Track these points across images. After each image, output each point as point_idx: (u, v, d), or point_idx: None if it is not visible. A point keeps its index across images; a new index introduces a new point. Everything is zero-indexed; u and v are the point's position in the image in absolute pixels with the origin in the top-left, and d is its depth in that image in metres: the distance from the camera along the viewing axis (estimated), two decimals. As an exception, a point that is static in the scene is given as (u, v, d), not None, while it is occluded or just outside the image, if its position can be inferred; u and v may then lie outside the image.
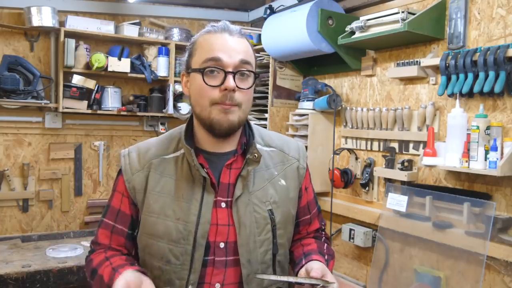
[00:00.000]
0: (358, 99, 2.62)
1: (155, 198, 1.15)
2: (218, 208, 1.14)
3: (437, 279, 2.03)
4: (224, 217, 1.14)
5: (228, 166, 1.17)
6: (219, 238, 1.13)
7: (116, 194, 1.22)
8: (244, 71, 1.11)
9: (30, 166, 3.03)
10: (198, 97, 1.12)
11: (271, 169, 1.22)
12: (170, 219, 1.13)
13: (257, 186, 1.17)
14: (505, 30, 1.89)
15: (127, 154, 1.22)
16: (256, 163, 1.16)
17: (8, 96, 2.81)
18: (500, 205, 1.88)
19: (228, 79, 1.07)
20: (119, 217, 1.20)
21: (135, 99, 3.20)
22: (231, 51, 1.09)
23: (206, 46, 1.11)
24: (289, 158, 1.26)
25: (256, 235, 1.14)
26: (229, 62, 1.08)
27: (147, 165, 1.18)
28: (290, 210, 1.23)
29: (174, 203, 1.13)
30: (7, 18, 2.93)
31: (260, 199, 1.16)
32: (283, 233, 1.20)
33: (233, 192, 1.14)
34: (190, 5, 3.52)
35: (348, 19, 2.49)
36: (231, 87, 1.07)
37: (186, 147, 1.14)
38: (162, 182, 1.16)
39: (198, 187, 1.13)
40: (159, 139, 1.25)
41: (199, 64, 1.11)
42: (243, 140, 1.21)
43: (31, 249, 2.68)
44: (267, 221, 1.16)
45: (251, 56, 1.15)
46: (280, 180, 1.22)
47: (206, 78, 1.09)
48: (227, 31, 1.12)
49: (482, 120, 1.84)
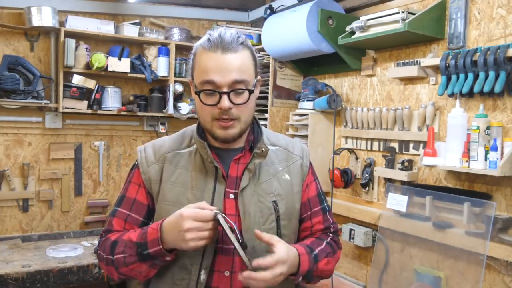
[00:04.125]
0: (358, 99, 2.62)
1: (170, 187, 1.22)
2: (227, 199, 1.21)
3: (437, 279, 2.03)
4: (232, 207, 1.20)
5: (236, 161, 1.24)
6: None
7: (132, 185, 1.28)
8: (238, 89, 1.14)
9: (30, 166, 3.03)
10: (200, 111, 1.20)
11: (276, 165, 1.28)
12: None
13: (262, 179, 1.24)
14: (505, 30, 1.89)
15: (143, 149, 1.30)
16: (263, 157, 1.23)
17: (8, 96, 2.81)
18: (500, 205, 1.88)
19: (223, 99, 1.13)
20: (135, 206, 1.26)
21: (135, 99, 3.20)
22: (224, 71, 1.13)
23: (202, 66, 1.15)
24: (293, 156, 1.33)
25: (260, 224, 1.20)
26: (223, 82, 1.13)
27: (162, 158, 1.26)
28: (294, 204, 1.28)
29: (188, 192, 1.21)
30: (7, 18, 2.93)
31: (265, 190, 1.23)
32: (287, 224, 1.25)
33: (240, 184, 1.21)
34: (190, 5, 3.52)
35: (348, 19, 2.49)
36: (225, 107, 1.13)
37: (199, 141, 1.22)
38: (177, 173, 1.23)
39: (211, 177, 1.21)
40: (172, 136, 1.34)
41: (197, 83, 1.17)
42: (250, 137, 1.28)
43: (31, 249, 2.68)
44: (271, 211, 1.22)
45: (248, 69, 1.17)
46: (284, 175, 1.28)
47: (203, 99, 1.16)
48: (220, 48, 1.13)
49: (482, 120, 1.84)
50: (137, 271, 1.17)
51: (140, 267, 1.15)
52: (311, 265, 1.20)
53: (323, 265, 1.24)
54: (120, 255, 1.16)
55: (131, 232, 1.20)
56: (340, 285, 2.45)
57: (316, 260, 1.22)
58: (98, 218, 3.24)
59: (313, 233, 1.34)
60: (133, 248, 1.14)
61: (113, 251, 1.18)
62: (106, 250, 1.21)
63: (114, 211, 1.27)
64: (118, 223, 1.25)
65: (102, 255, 1.22)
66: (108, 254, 1.20)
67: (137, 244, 1.14)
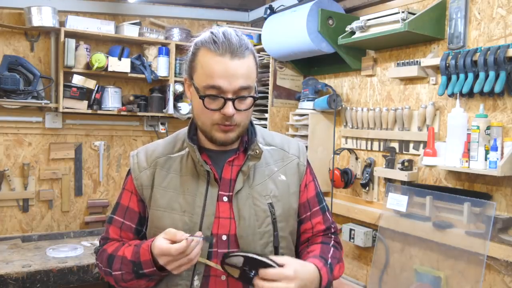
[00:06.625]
0: (358, 99, 2.62)
1: (161, 193, 1.20)
2: (220, 202, 1.18)
3: (437, 279, 2.03)
4: (226, 211, 1.18)
5: (230, 163, 1.22)
6: (221, 230, 1.17)
7: (125, 192, 1.28)
8: (243, 96, 1.13)
9: (30, 166, 3.03)
10: (199, 113, 1.16)
11: (271, 165, 1.26)
12: (176, 212, 1.18)
13: (257, 181, 1.21)
14: (505, 30, 1.89)
15: (136, 154, 1.29)
16: (257, 159, 1.20)
17: (8, 96, 2.81)
18: (500, 205, 1.87)
19: (228, 106, 1.10)
20: (128, 214, 1.26)
21: (135, 99, 3.20)
22: (231, 77, 1.09)
23: (207, 69, 1.10)
24: (289, 156, 1.30)
25: (256, 227, 1.17)
26: (229, 88, 1.10)
27: (154, 163, 1.24)
28: (291, 204, 1.26)
29: (180, 197, 1.19)
30: (7, 18, 2.93)
31: (260, 193, 1.20)
32: (284, 226, 1.22)
33: (234, 187, 1.19)
34: (190, 5, 3.52)
35: (348, 19, 2.49)
36: (230, 114, 1.11)
37: (190, 144, 1.19)
38: (168, 178, 1.21)
39: (203, 181, 1.19)
40: (165, 140, 1.32)
41: (200, 86, 1.12)
42: (244, 138, 1.25)
43: (31, 249, 2.68)
44: (267, 214, 1.19)
45: (252, 75, 1.15)
46: (280, 176, 1.25)
47: (206, 103, 1.12)
48: (228, 53, 1.09)
49: (482, 120, 1.84)
50: (136, 285, 1.17)
51: (139, 283, 1.16)
52: (329, 276, 1.17)
53: (337, 273, 1.23)
54: (118, 272, 1.17)
55: (125, 247, 1.19)
56: (340, 285, 2.45)
57: (331, 269, 1.19)
58: (98, 218, 3.24)
59: (314, 234, 1.31)
60: (129, 266, 1.14)
61: (111, 266, 1.18)
62: (103, 262, 1.22)
63: (110, 219, 1.28)
64: (114, 231, 1.27)
65: (100, 266, 1.23)
66: (105, 267, 1.21)
67: (132, 262, 1.14)
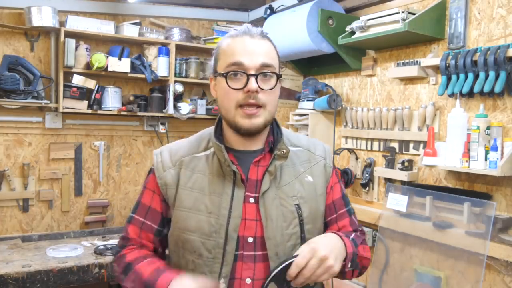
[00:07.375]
0: (358, 99, 2.62)
1: (187, 193, 1.19)
2: (247, 203, 1.16)
3: (437, 279, 2.03)
4: (252, 212, 1.16)
5: (256, 163, 1.20)
6: (247, 232, 1.15)
7: (146, 191, 1.26)
8: (266, 72, 1.14)
9: (30, 166, 3.03)
10: (224, 100, 1.16)
11: (298, 166, 1.24)
12: (202, 213, 1.16)
13: (284, 181, 1.20)
14: (505, 30, 1.89)
15: (159, 153, 1.26)
16: (284, 158, 1.19)
17: (8, 96, 2.81)
18: (500, 205, 1.88)
19: (250, 81, 1.12)
20: (149, 214, 1.24)
21: (135, 99, 3.20)
22: (252, 54, 1.13)
23: (229, 51, 1.15)
24: (315, 157, 1.28)
25: (283, 229, 1.16)
26: (251, 65, 1.12)
27: (179, 163, 1.22)
28: (318, 206, 1.24)
29: (206, 198, 1.17)
30: (7, 18, 2.93)
31: (287, 193, 1.19)
32: (311, 228, 1.21)
33: (260, 188, 1.17)
34: (190, 5, 3.52)
35: (348, 19, 2.49)
36: (253, 89, 1.11)
37: (216, 143, 1.17)
38: (194, 178, 1.20)
39: (229, 182, 1.17)
40: (189, 139, 1.30)
41: (223, 68, 1.15)
42: (270, 138, 1.24)
43: (31, 249, 2.68)
44: (294, 215, 1.17)
45: (274, 57, 1.18)
46: (307, 177, 1.24)
47: (229, 82, 1.13)
48: (248, 34, 1.16)
49: (482, 120, 1.84)
50: None
51: None
52: (353, 248, 1.17)
53: (362, 251, 1.22)
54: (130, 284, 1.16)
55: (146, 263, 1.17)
56: (340, 285, 2.45)
57: (355, 243, 1.19)
58: (98, 218, 3.23)
59: None
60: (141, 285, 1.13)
61: (125, 275, 1.18)
62: (120, 267, 1.21)
63: (130, 218, 1.26)
64: (133, 231, 1.24)
65: (117, 269, 1.22)
66: (120, 273, 1.20)
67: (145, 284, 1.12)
